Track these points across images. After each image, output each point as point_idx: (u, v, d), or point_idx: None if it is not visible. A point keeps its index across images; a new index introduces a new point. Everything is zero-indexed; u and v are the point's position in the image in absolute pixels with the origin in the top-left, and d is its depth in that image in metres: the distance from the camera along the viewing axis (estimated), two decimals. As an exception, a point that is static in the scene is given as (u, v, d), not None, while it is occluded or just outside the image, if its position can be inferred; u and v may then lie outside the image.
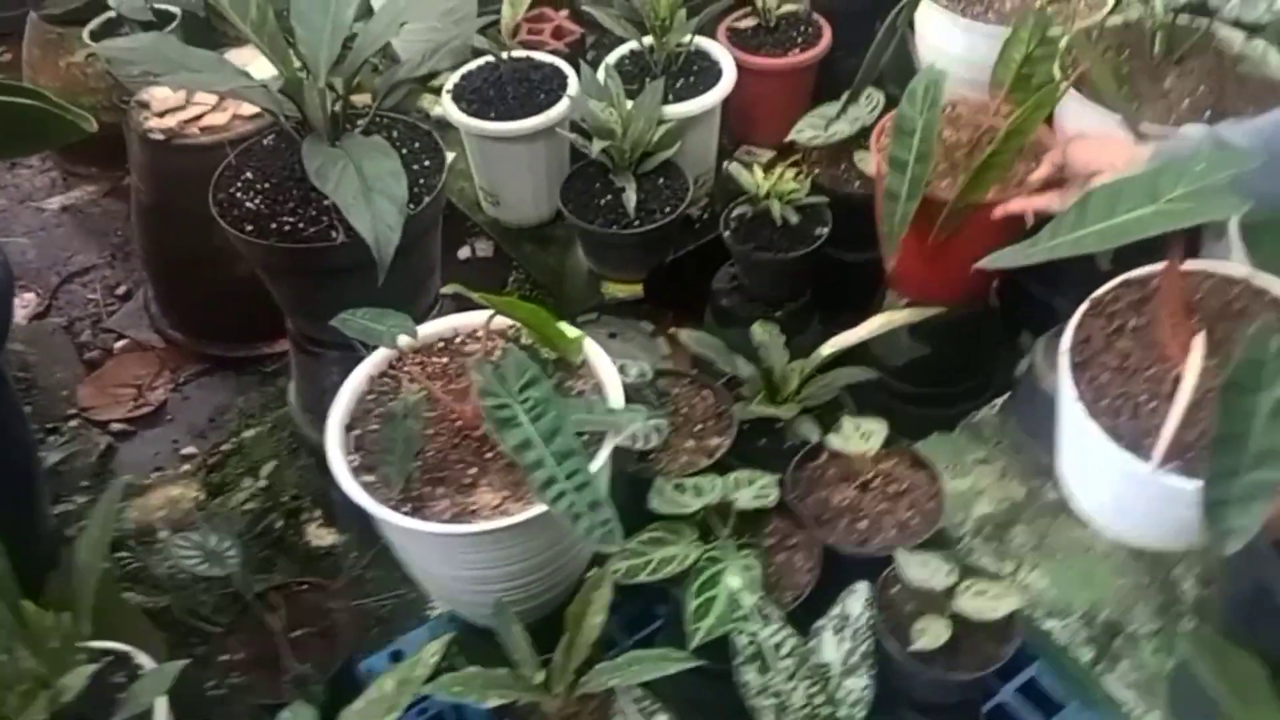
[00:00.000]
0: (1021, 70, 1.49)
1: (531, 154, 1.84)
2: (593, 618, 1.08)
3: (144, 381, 2.10)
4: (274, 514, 1.77)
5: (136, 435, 2.01)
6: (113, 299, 2.30)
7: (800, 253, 1.64)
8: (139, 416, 2.03)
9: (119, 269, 2.35)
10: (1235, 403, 0.86)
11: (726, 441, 1.36)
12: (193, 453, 1.96)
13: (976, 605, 1.13)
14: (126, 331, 2.22)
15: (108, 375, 2.13)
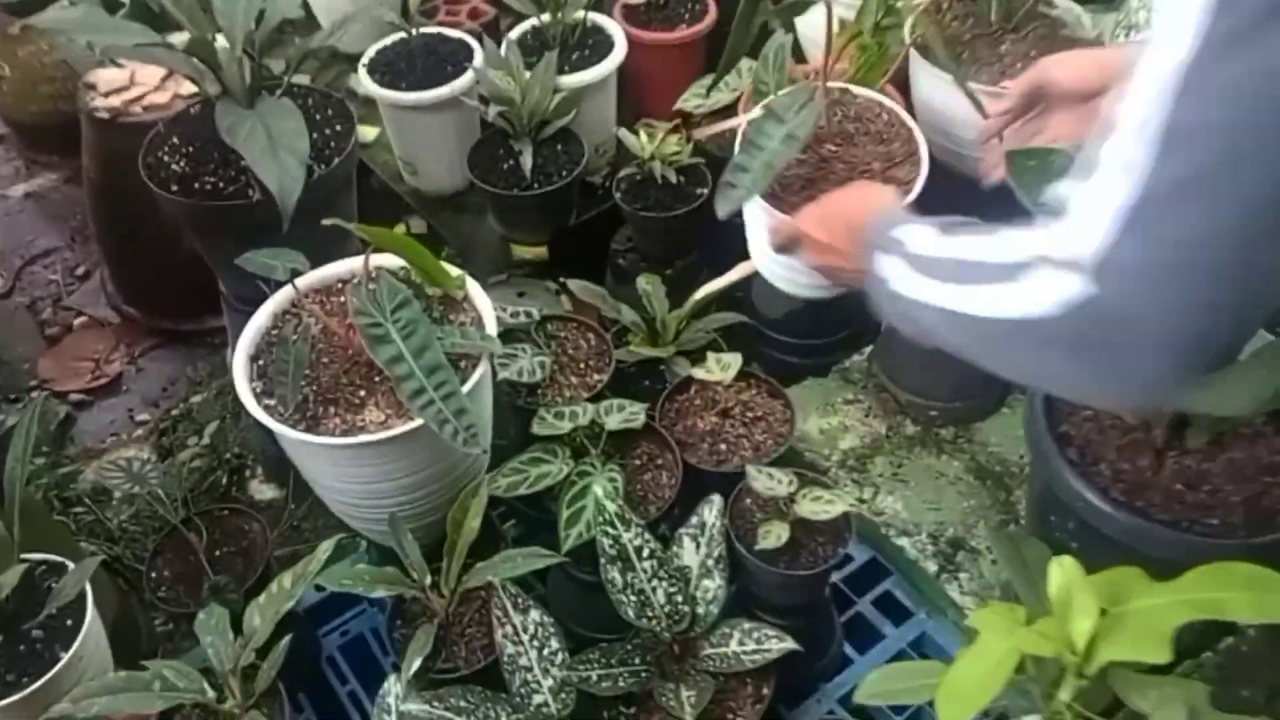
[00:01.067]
0: (874, 38, 1.64)
1: (442, 123, 1.95)
2: (470, 521, 1.21)
3: (101, 355, 2.21)
4: (219, 471, 1.88)
5: (94, 405, 2.13)
6: (72, 279, 2.41)
7: (683, 211, 1.78)
8: (96, 387, 2.15)
9: (78, 251, 2.46)
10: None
11: (605, 377, 1.49)
12: (145, 419, 2.07)
13: (812, 509, 1.27)
14: (85, 309, 2.32)
15: (67, 350, 2.24)
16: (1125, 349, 0.71)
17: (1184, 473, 1.11)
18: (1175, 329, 0.69)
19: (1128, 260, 0.68)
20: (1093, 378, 0.74)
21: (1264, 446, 1.13)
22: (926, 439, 1.68)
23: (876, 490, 1.61)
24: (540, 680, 1.16)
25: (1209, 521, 1.08)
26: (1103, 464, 1.13)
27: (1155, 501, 1.09)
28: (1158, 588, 0.95)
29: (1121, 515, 1.09)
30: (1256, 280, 0.68)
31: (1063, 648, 0.93)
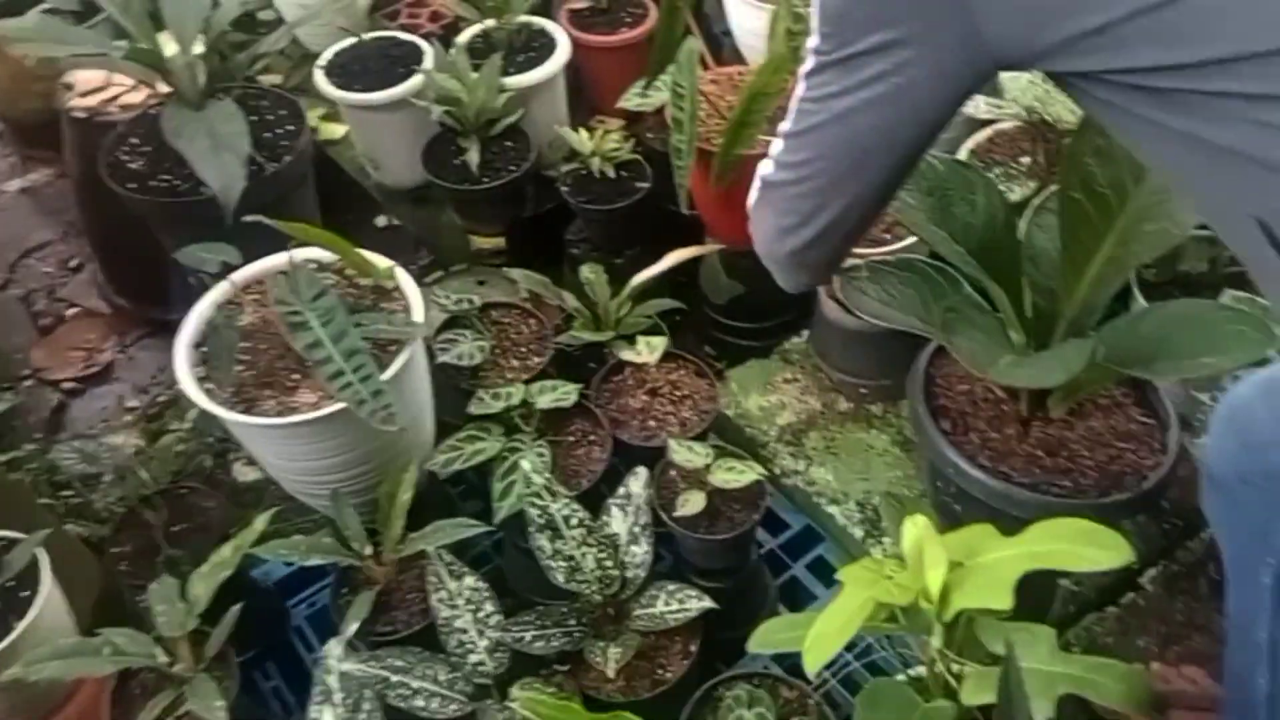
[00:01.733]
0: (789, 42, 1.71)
1: (397, 122, 2.04)
2: (402, 494, 1.30)
3: (93, 345, 2.29)
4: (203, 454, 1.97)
5: (86, 392, 2.19)
6: (65, 271, 2.49)
7: (623, 204, 1.86)
8: (88, 376, 2.21)
9: (71, 244, 2.52)
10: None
11: (544, 361, 1.58)
12: (135, 406, 2.16)
13: (725, 478, 1.36)
14: (77, 300, 2.40)
15: (60, 340, 2.32)
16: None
17: (1045, 440, 1.19)
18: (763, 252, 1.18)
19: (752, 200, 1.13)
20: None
21: (1121, 415, 1.21)
22: (858, 414, 1.76)
23: (810, 462, 1.69)
24: (476, 641, 1.24)
25: (1063, 484, 1.16)
26: (972, 433, 1.22)
27: (1017, 467, 1.18)
28: (1003, 542, 1.03)
29: (987, 479, 1.17)
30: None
31: (918, 597, 1.02)
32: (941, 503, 1.28)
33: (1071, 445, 1.19)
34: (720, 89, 1.81)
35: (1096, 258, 1.09)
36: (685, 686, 1.23)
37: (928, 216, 1.18)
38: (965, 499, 1.24)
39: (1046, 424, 1.20)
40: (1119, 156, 1.05)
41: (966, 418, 1.24)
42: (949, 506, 1.27)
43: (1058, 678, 1.02)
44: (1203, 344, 1.08)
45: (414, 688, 1.18)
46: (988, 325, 1.18)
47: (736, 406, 1.78)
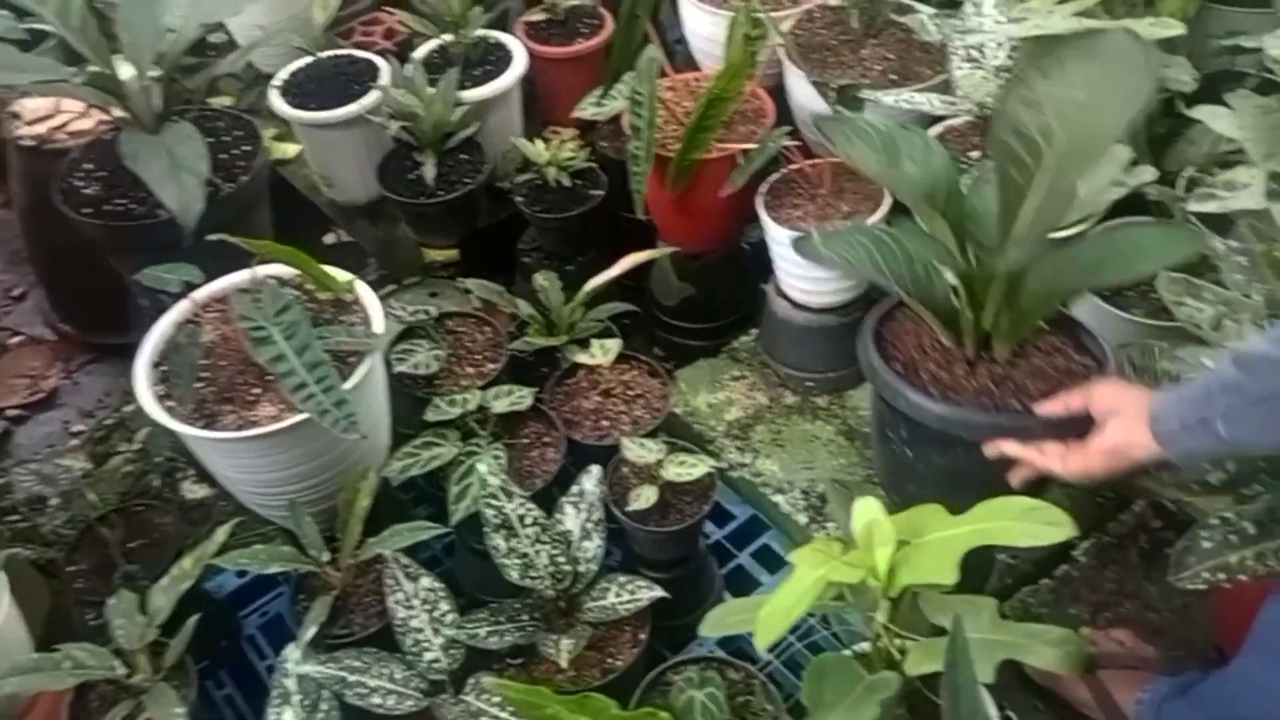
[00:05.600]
0: (746, 48, 1.71)
1: (352, 139, 2.01)
2: (361, 501, 1.27)
3: (38, 372, 2.23)
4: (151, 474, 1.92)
5: (31, 419, 2.14)
6: (9, 300, 2.42)
7: (577, 212, 1.84)
8: (33, 403, 2.16)
9: (14, 273, 2.46)
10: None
11: (499, 367, 1.55)
12: (81, 430, 2.10)
13: (677, 472, 1.34)
14: (21, 328, 2.34)
15: (4, 368, 2.25)
16: None
17: (992, 376, 1.19)
18: None
19: None
20: None
21: (1061, 357, 1.20)
22: (804, 407, 1.76)
23: (757, 454, 1.69)
24: (431, 639, 1.22)
25: (1012, 405, 1.16)
26: (923, 373, 1.21)
27: (967, 398, 1.18)
28: (949, 521, 1.03)
29: (939, 406, 1.17)
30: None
31: (867, 575, 1.01)
32: (893, 455, 1.28)
33: (1017, 380, 1.18)
34: (676, 95, 1.80)
35: (1028, 201, 1.08)
36: (635, 674, 1.22)
37: (881, 168, 1.19)
38: (916, 435, 1.24)
39: (991, 365, 1.20)
40: (1044, 106, 1.04)
41: (916, 363, 1.23)
42: (901, 456, 1.26)
43: (997, 645, 1.01)
44: (1138, 256, 1.17)
45: (371, 686, 1.15)
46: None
47: (685, 404, 1.77)
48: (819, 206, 1.61)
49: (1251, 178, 1.34)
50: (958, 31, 1.58)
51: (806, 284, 1.66)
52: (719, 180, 1.64)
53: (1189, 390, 1.00)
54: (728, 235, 1.86)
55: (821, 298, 1.67)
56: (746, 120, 1.71)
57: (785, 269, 1.68)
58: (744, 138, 1.66)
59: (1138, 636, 1.34)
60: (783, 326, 1.76)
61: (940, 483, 1.26)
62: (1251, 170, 1.36)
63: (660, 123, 1.69)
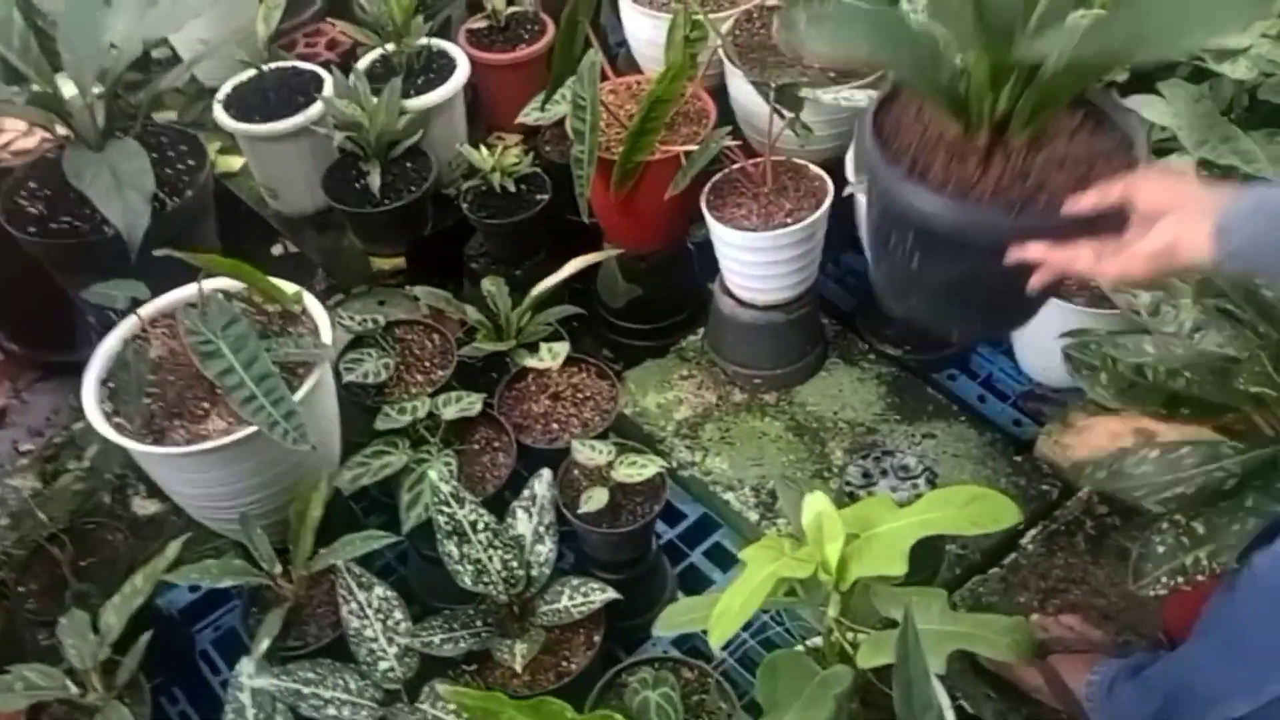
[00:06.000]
0: (686, 50, 1.71)
1: (297, 150, 1.98)
2: (312, 511, 1.25)
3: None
4: (102, 491, 1.88)
5: None
6: None
7: (523, 216, 1.83)
8: None
9: None
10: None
11: (448, 374, 1.54)
12: (30, 449, 2.04)
13: (628, 473, 1.34)
14: None
15: None
16: None
17: (1010, 170, 1.01)
18: None
19: None
20: None
21: (1081, 141, 1.06)
22: (752, 405, 1.76)
23: (706, 453, 1.69)
24: (385, 648, 1.21)
25: (1036, 202, 0.99)
26: (931, 172, 1.03)
27: (986, 196, 1.00)
28: (897, 513, 1.04)
29: (952, 209, 0.99)
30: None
31: (817, 569, 1.01)
32: (894, 266, 1.10)
33: (1038, 172, 1.01)
34: (619, 99, 1.80)
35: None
36: (589, 676, 1.22)
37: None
38: (925, 242, 1.04)
39: (1007, 155, 1.02)
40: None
41: (923, 159, 1.05)
42: (904, 269, 1.08)
43: (948, 636, 1.03)
44: (1191, 20, 0.94)
45: (326, 698, 1.14)
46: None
47: (635, 405, 1.76)
48: (762, 204, 1.62)
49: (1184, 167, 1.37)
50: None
51: (752, 282, 1.67)
52: (663, 181, 1.64)
53: (1268, 203, 0.87)
54: (673, 236, 1.86)
55: (766, 295, 1.68)
56: (689, 121, 1.72)
57: (730, 267, 1.69)
58: (687, 139, 1.66)
59: (1086, 621, 1.36)
60: (729, 325, 1.77)
61: (949, 294, 1.09)
62: (1184, 157, 1.39)
63: (603, 126, 1.69)
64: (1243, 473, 1.01)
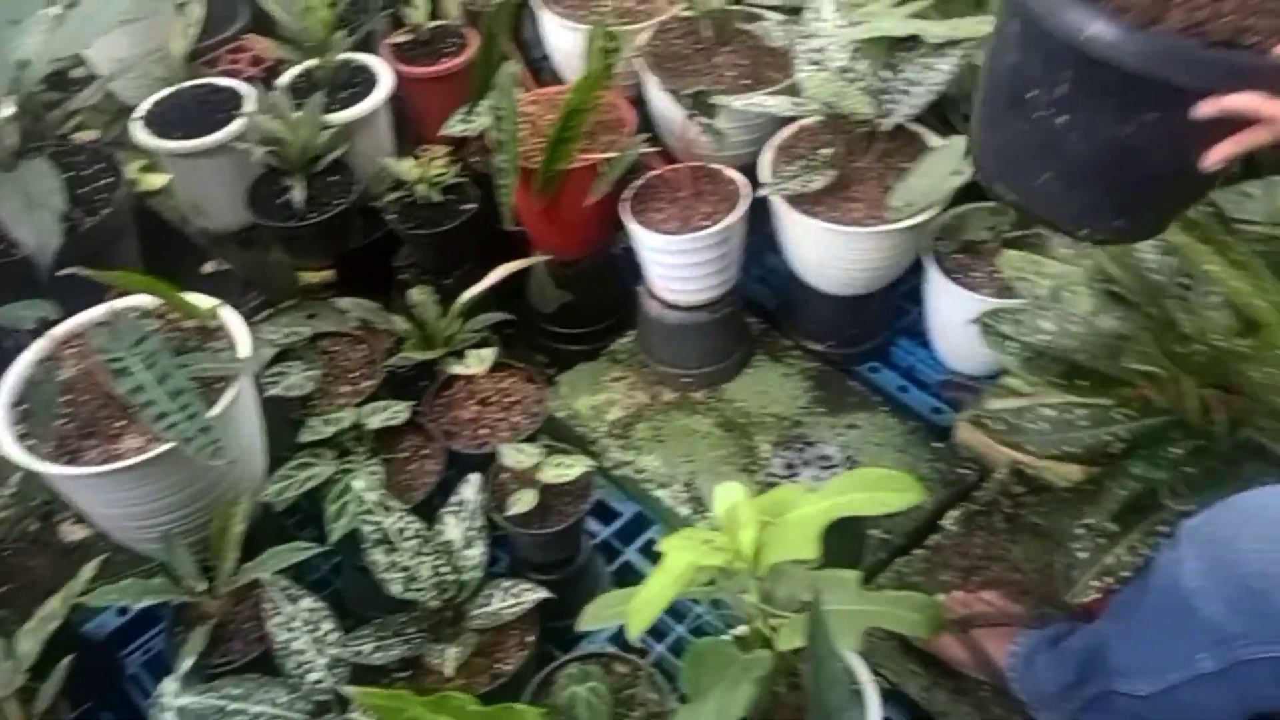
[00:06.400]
0: (603, 59, 1.72)
1: (219, 166, 1.95)
2: (234, 527, 1.23)
3: None
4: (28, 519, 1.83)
5: None
6: None
7: (449, 226, 1.83)
8: None
9: None
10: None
11: (375, 384, 1.53)
12: None
13: (556, 473, 1.34)
14: None
15: None
16: None
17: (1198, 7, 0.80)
18: None
19: None
20: None
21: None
22: (682, 403, 1.77)
23: (639, 451, 1.69)
24: (315, 660, 1.19)
25: (1245, 43, 0.79)
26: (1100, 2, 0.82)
27: (1176, 29, 0.80)
28: (808, 498, 1.05)
29: (1138, 38, 0.79)
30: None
31: (733, 557, 1.02)
32: (1030, 128, 0.88)
33: (1240, 5, 0.80)
34: (541, 109, 1.80)
35: None
36: (524, 676, 1.21)
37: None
38: (1088, 93, 0.84)
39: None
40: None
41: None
42: (1046, 127, 0.87)
43: (861, 615, 1.04)
44: None
45: (253, 713, 1.12)
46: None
47: (567, 408, 1.77)
48: (681, 209, 1.63)
49: None
50: (801, 36, 1.62)
51: (675, 284, 1.68)
52: (584, 189, 1.64)
53: None
54: (599, 241, 1.87)
55: (690, 296, 1.69)
56: (608, 130, 1.73)
57: (654, 270, 1.70)
58: (606, 147, 1.67)
59: (1006, 596, 1.39)
60: (656, 326, 1.78)
61: (1099, 168, 0.88)
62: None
63: (524, 136, 1.70)
64: (1131, 439, 1.04)
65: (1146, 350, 1.01)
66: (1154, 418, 1.07)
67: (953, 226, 1.62)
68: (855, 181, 1.59)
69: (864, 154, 1.61)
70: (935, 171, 1.51)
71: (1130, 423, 1.06)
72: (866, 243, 1.55)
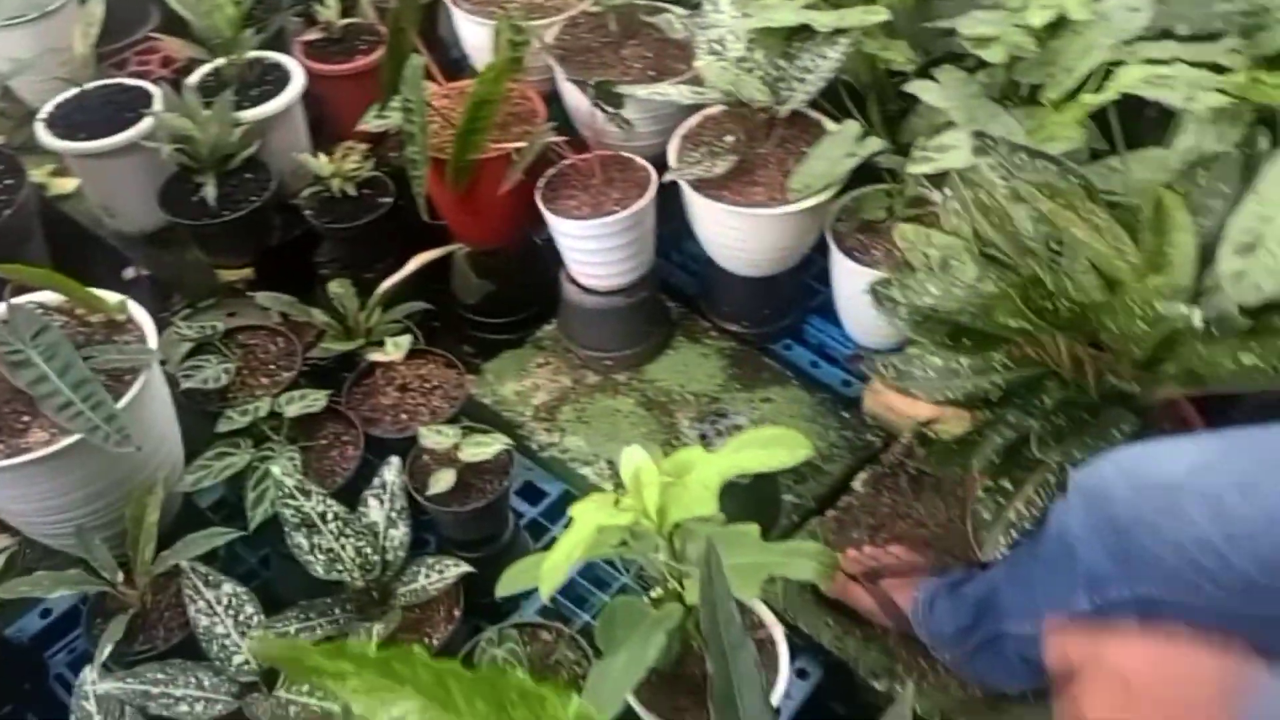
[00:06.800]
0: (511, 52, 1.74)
1: (130, 167, 1.93)
2: (149, 516, 1.23)
3: None
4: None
5: None
6: None
7: (366, 220, 1.83)
8: None
9: None
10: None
11: (292, 375, 1.53)
12: None
13: (474, 452, 1.36)
14: None
15: None
16: None
17: None
18: None
19: None
20: None
21: None
22: (605, 385, 1.80)
23: (564, 433, 1.72)
24: (239, 643, 1.19)
25: None
26: None
27: None
28: (708, 458, 1.09)
29: None
30: None
31: (639, 516, 1.06)
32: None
33: None
34: (453, 102, 1.81)
35: None
36: (452, 649, 1.23)
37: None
38: None
39: None
40: None
41: None
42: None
43: (760, 565, 1.08)
44: None
45: (177, 695, 1.12)
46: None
47: (493, 395, 1.78)
48: (592, 195, 1.66)
49: (958, 140, 1.47)
50: (701, 28, 1.67)
51: (592, 269, 1.71)
52: (498, 178, 1.67)
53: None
54: (517, 231, 1.89)
55: (607, 280, 1.72)
56: (520, 121, 1.75)
57: (572, 257, 1.73)
58: (519, 138, 1.69)
59: (911, 549, 1.45)
60: (577, 312, 1.80)
61: None
62: (958, 133, 1.49)
63: (437, 129, 1.71)
64: (1007, 387, 1.10)
65: (1017, 306, 1.07)
66: (1030, 369, 1.13)
67: (851, 208, 1.68)
68: (757, 166, 1.63)
69: (764, 140, 1.66)
70: (831, 154, 1.56)
71: (1008, 373, 1.12)
72: (769, 224, 1.60)
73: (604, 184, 1.69)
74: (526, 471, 1.71)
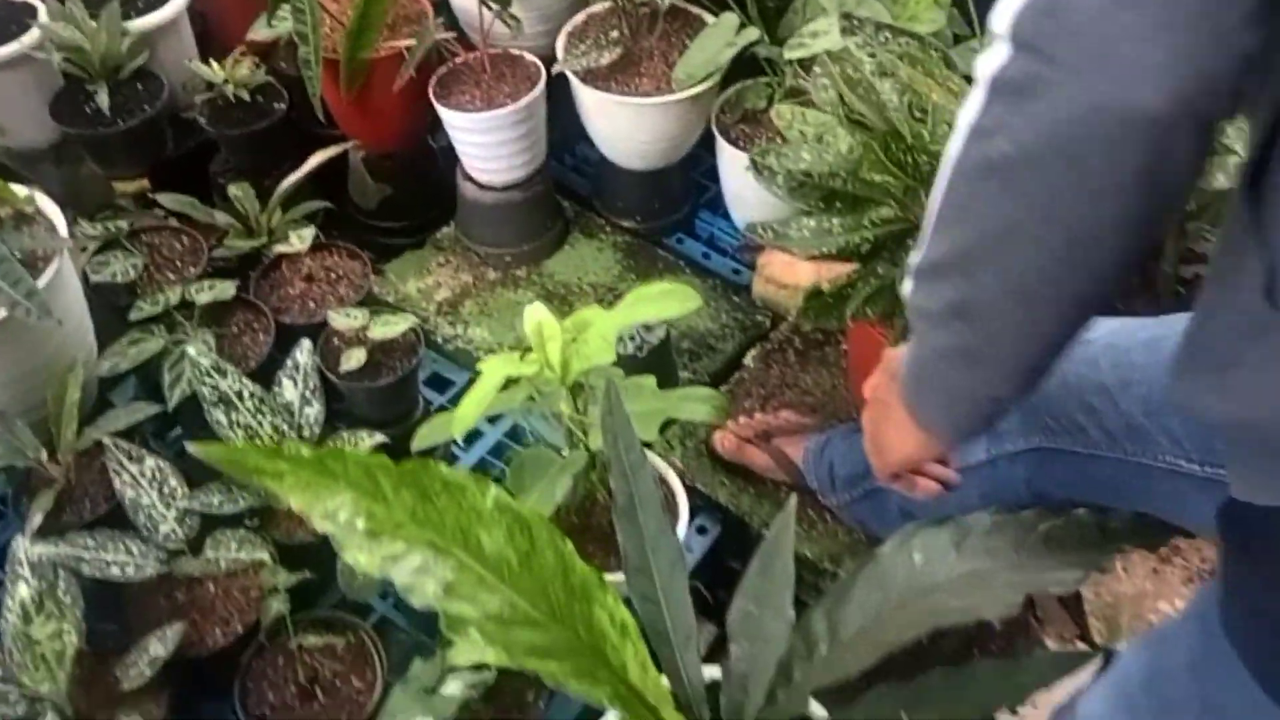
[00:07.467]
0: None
1: (19, 80, 1.88)
2: (71, 394, 1.26)
3: None
4: None
5: None
6: None
7: (262, 125, 1.84)
8: None
9: None
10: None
11: (199, 269, 1.56)
12: None
13: (382, 331, 1.42)
14: None
15: None
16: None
17: None
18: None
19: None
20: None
21: None
22: (506, 280, 1.87)
23: (467, 325, 1.79)
24: (164, 513, 1.25)
25: None
26: None
27: None
28: (604, 314, 1.18)
29: None
30: None
31: (543, 368, 1.14)
32: None
33: None
34: (342, 5, 1.82)
35: None
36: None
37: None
38: None
39: None
40: None
41: None
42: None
43: (657, 411, 1.19)
44: None
45: (109, 559, 1.17)
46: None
47: (396, 293, 1.83)
48: (484, 91, 1.71)
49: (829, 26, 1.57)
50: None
51: (486, 164, 1.77)
52: (390, 78, 1.70)
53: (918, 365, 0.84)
54: (412, 131, 1.92)
55: (501, 175, 1.78)
56: (409, 22, 1.78)
57: (466, 152, 1.78)
58: (408, 37, 1.73)
59: (800, 413, 1.57)
60: (474, 209, 1.86)
61: None
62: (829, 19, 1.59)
63: (329, 30, 1.73)
64: (875, 241, 1.22)
65: (879, 159, 1.18)
66: (898, 225, 1.25)
67: (734, 100, 1.77)
68: (643, 59, 1.71)
69: (648, 34, 1.73)
70: (711, 45, 1.64)
71: (876, 229, 1.24)
72: (654, 113, 1.68)
73: (495, 80, 1.74)
74: (433, 363, 1.77)
